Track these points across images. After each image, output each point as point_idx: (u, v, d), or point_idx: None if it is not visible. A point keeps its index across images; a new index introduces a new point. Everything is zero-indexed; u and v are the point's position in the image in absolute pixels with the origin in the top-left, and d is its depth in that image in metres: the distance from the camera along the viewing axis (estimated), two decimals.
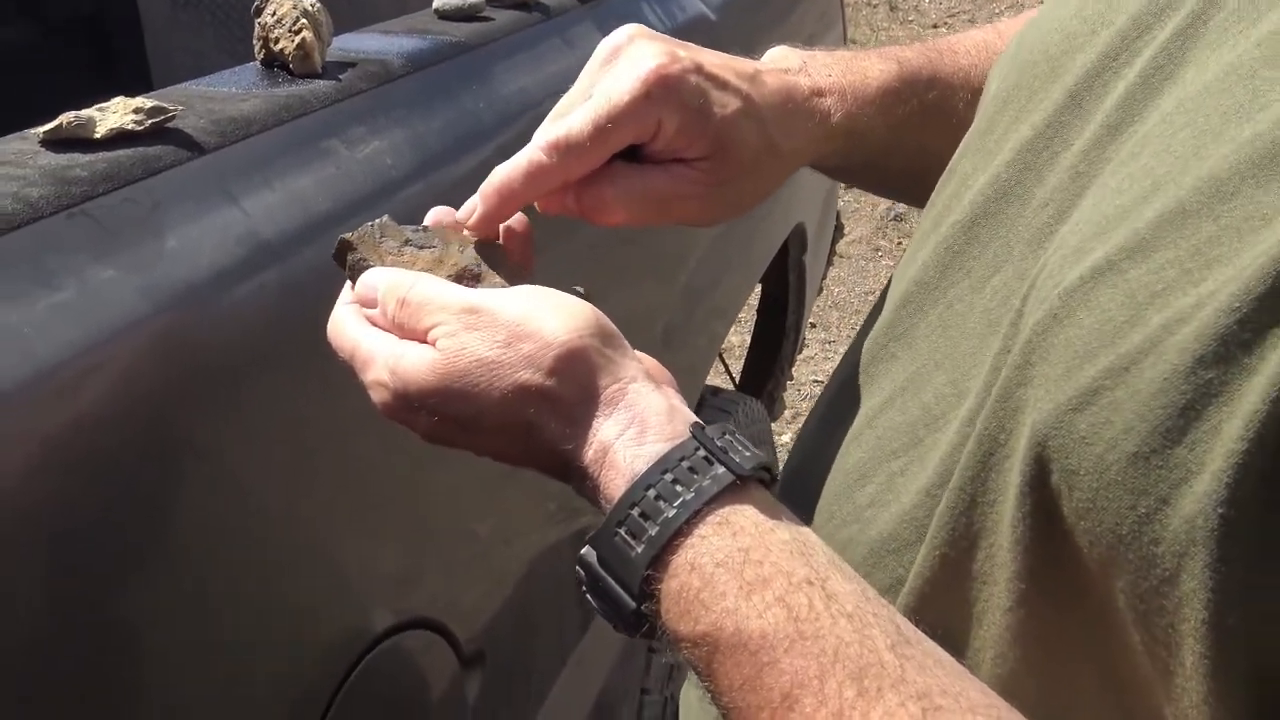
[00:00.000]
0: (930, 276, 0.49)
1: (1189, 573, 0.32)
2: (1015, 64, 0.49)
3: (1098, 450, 0.34)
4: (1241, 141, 0.34)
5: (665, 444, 0.41)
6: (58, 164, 0.57)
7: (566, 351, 0.43)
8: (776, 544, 0.39)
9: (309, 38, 0.76)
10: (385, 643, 0.73)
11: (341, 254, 0.51)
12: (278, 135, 0.68)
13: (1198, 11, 0.40)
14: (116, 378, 0.54)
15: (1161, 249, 0.34)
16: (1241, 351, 0.31)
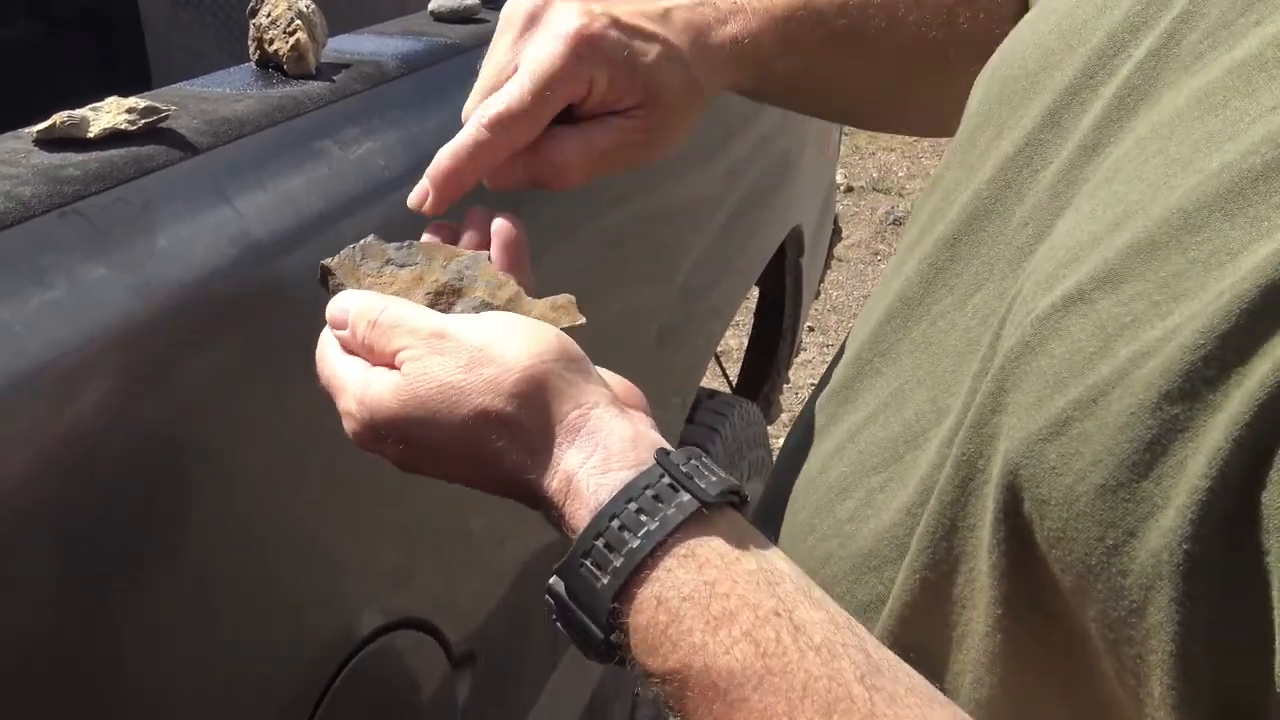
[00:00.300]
0: (914, 292, 0.49)
1: (1155, 605, 0.32)
2: (996, 78, 0.49)
3: (1067, 481, 0.34)
4: (1209, 173, 0.34)
5: (629, 471, 0.41)
6: (51, 163, 0.58)
7: (527, 376, 0.43)
8: (743, 575, 0.39)
9: (303, 39, 0.76)
10: (374, 643, 0.73)
11: (324, 279, 0.52)
12: (271, 136, 0.69)
13: (1171, 31, 0.40)
14: (108, 375, 0.54)
15: (1131, 280, 0.35)
16: (1206, 388, 0.31)
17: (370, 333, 0.47)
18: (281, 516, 0.66)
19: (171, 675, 0.60)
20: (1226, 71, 0.37)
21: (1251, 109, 0.35)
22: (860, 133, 4.71)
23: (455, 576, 0.87)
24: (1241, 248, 0.32)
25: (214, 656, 0.62)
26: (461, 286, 0.50)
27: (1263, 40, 0.36)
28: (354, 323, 0.47)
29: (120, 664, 0.56)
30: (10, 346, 0.49)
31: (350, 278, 0.51)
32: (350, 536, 0.72)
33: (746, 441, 1.70)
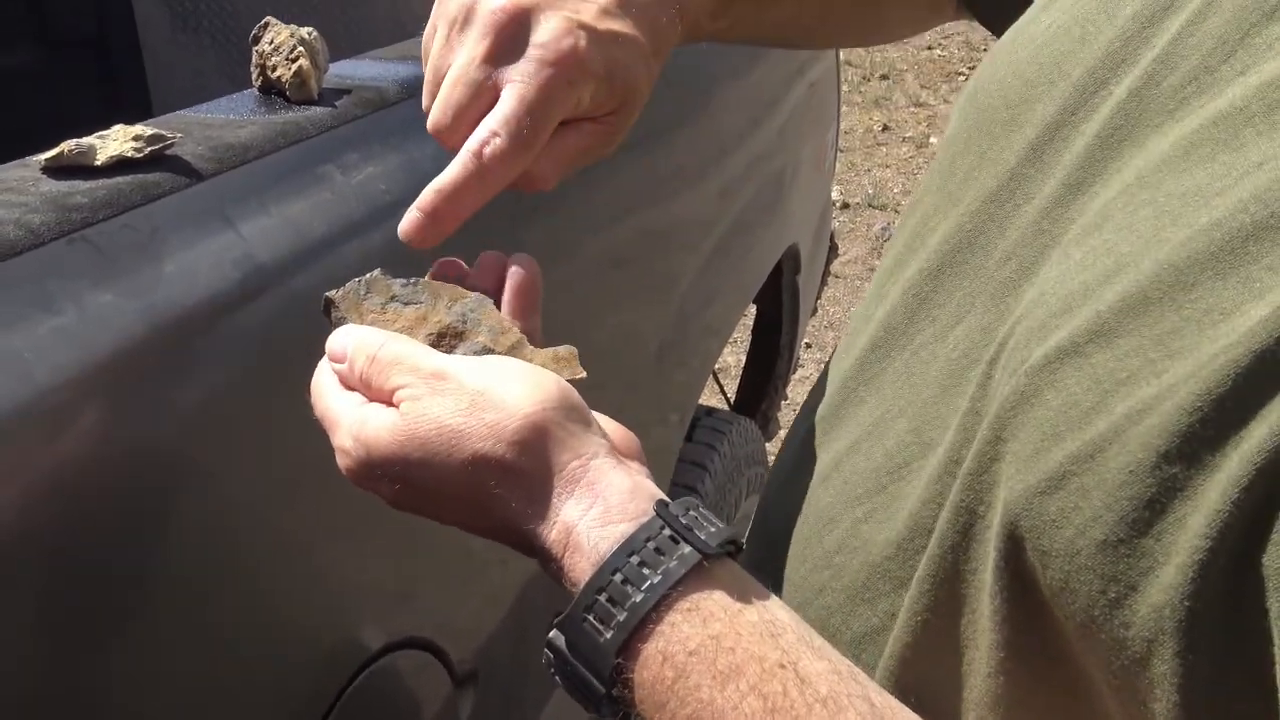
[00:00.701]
0: (898, 321, 0.49)
1: (1159, 658, 0.33)
2: (975, 105, 0.49)
3: (1068, 534, 0.35)
4: (1200, 228, 0.35)
5: (629, 524, 0.41)
6: (59, 191, 0.59)
7: (529, 424, 0.42)
8: (746, 627, 0.39)
9: (306, 65, 0.77)
10: (377, 663, 0.74)
11: (327, 310, 0.51)
12: (274, 161, 0.70)
13: (1151, 72, 0.40)
14: (114, 400, 0.55)
15: (1125, 335, 0.35)
16: (1204, 449, 0.32)
17: (369, 368, 0.46)
18: (284, 537, 0.67)
19: (175, 696, 0.60)
20: (1212, 121, 0.37)
21: (1239, 163, 0.35)
22: (856, 150, 4.74)
23: (458, 595, 0.88)
24: (1234, 308, 0.33)
25: (217, 677, 0.63)
26: (465, 329, 0.50)
27: (1246, 91, 0.36)
28: (353, 357, 0.47)
29: (123, 685, 0.57)
30: (19, 371, 0.50)
31: (353, 312, 0.50)
32: (353, 556, 0.73)
33: (745, 459, 1.71)
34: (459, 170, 0.50)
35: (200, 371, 0.60)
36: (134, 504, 0.56)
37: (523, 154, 0.50)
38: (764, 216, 1.62)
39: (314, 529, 0.69)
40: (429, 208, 0.50)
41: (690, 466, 1.56)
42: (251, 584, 0.64)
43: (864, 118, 5.17)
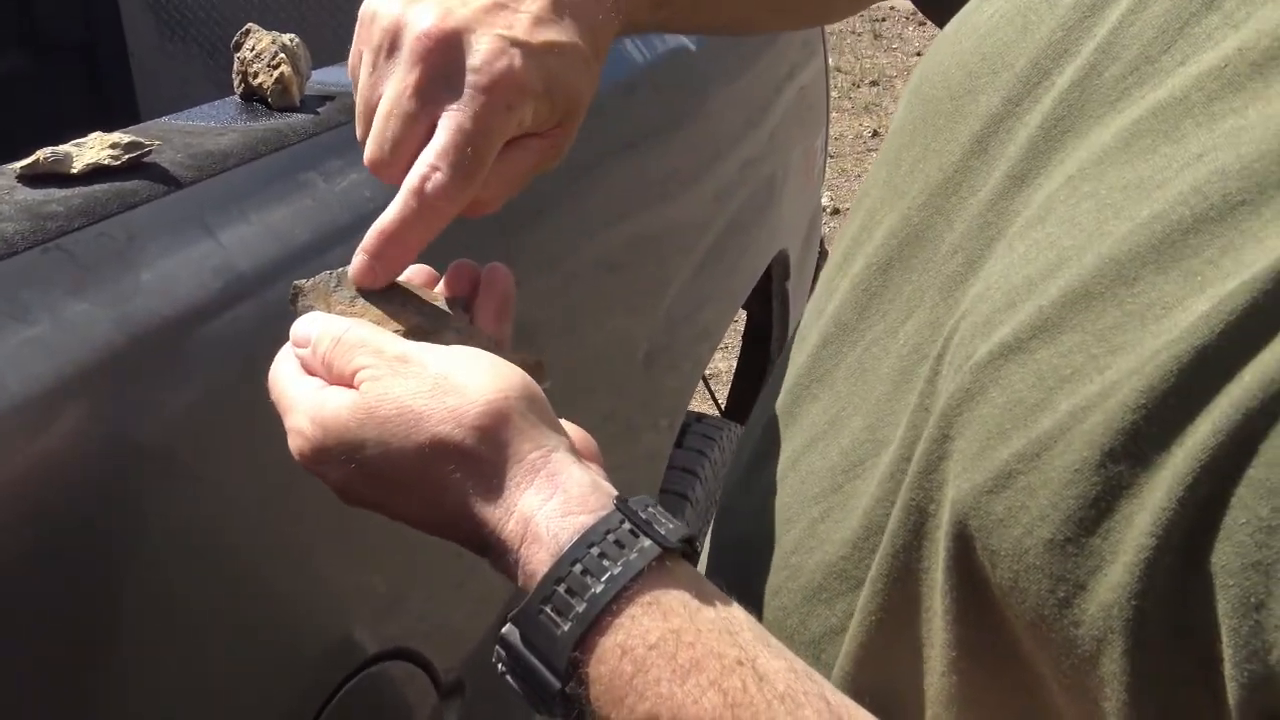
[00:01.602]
0: (848, 317, 0.49)
1: (1108, 657, 0.33)
2: (919, 96, 0.49)
3: (1015, 533, 0.35)
4: (1140, 222, 0.34)
5: (589, 516, 0.40)
6: (34, 199, 0.58)
7: (491, 410, 0.42)
8: (706, 624, 0.38)
9: (287, 72, 0.76)
10: (361, 674, 0.73)
11: (295, 299, 0.51)
12: (255, 169, 0.69)
13: (1094, 62, 0.40)
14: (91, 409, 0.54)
15: (1068, 331, 0.35)
16: (1149, 447, 0.32)
17: (332, 350, 0.45)
18: (266, 548, 0.66)
19: (158, 706, 0.59)
20: (1152, 112, 0.37)
21: (1179, 155, 0.35)
22: (847, 156, 4.74)
23: (443, 605, 0.87)
24: (1176, 302, 0.33)
25: (200, 689, 0.62)
26: (433, 330, 0.49)
27: (1186, 81, 0.36)
28: (316, 341, 0.46)
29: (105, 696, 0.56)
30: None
31: (321, 302, 0.50)
32: (337, 567, 0.72)
33: None
34: (400, 209, 0.48)
35: (179, 381, 0.60)
36: (111, 514, 0.55)
37: (466, 185, 0.48)
38: (753, 222, 1.62)
39: (297, 539, 0.69)
40: (374, 250, 0.48)
41: (681, 473, 1.55)
42: (233, 595, 0.64)
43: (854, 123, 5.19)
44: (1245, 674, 0.30)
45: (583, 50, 0.51)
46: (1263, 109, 0.34)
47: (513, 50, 0.48)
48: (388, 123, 0.49)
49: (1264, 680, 0.30)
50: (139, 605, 0.57)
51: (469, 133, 0.47)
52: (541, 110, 0.50)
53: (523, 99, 0.48)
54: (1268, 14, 0.35)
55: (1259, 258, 0.31)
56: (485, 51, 0.48)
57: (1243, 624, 0.30)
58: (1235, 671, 0.30)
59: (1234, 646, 0.30)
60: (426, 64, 0.48)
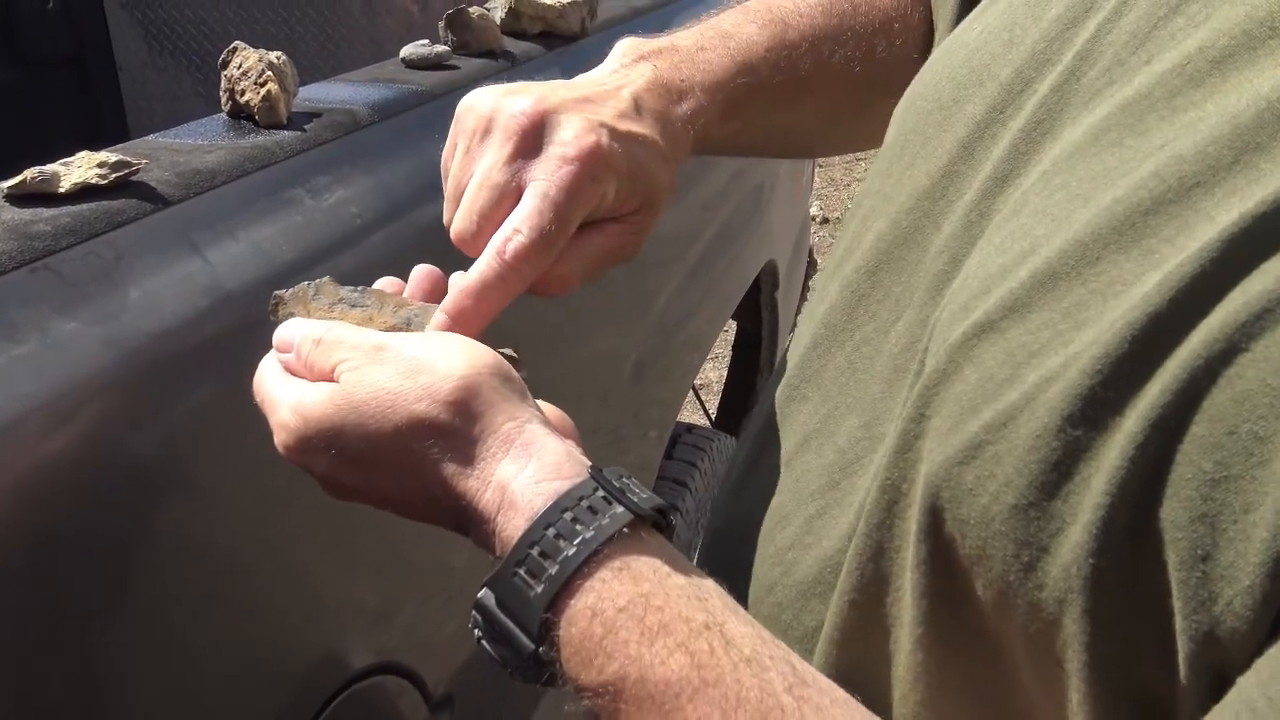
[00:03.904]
0: (838, 319, 0.50)
1: (1069, 617, 0.34)
2: (911, 109, 0.51)
3: (983, 501, 0.36)
4: (1104, 206, 0.36)
5: (564, 483, 0.42)
6: (21, 219, 0.58)
7: (463, 384, 0.43)
8: (675, 589, 0.39)
9: (274, 89, 0.77)
10: (350, 689, 0.73)
11: (275, 309, 0.52)
12: (242, 186, 0.69)
13: (1073, 68, 0.42)
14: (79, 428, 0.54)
15: (1036, 310, 0.36)
16: (1105, 411, 0.33)
17: (313, 351, 0.47)
18: (256, 564, 0.66)
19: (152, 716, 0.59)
20: (1120, 108, 0.39)
21: (1143, 146, 0.37)
22: (836, 165, 4.76)
23: (432, 620, 0.87)
24: (1135, 278, 0.34)
25: (191, 704, 0.62)
26: (410, 329, 0.51)
27: (1151, 78, 0.38)
28: (299, 344, 0.48)
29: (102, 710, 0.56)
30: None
31: (301, 309, 0.52)
32: (327, 581, 0.72)
33: None
34: (483, 270, 0.50)
35: (167, 399, 0.60)
36: (101, 532, 0.56)
37: (545, 251, 0.50)
38: (742, 232, 1.63)
39: (287, 554, 0.69)
40: (454, 311, 0.50)
41: (671, 484, 1.56)
42: (223, 610, 0.64)
43: None
44: (1193, 626, 0.31)
45: (661, 147, 0.54)
46: (1219, 101, 0.35)
47: (601, 129, 0.51)
48: (477, 194, 0.51)
49: (1209, 631, 0.31)
50: (129, 619, 0.58)
51: (552, 199, 0.50)
52: (624, 191, 0.52)
53: (607, 173, 0.51)
54: (1225, 14, 0.37)
55: (1207, 232, 0.33)
56: (575, 127, 0.51)
57: (1190, 575, 0.31)
58: (1185, 625, 0.31)
59: (1183, 599, 0.31)
60: (519, 139, 0.51)
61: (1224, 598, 0.30)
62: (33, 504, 0.52)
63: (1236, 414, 0.30)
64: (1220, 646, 0.31)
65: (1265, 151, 0.33)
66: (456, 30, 1.05)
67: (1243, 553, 0.30)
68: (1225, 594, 0.30)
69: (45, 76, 2.08)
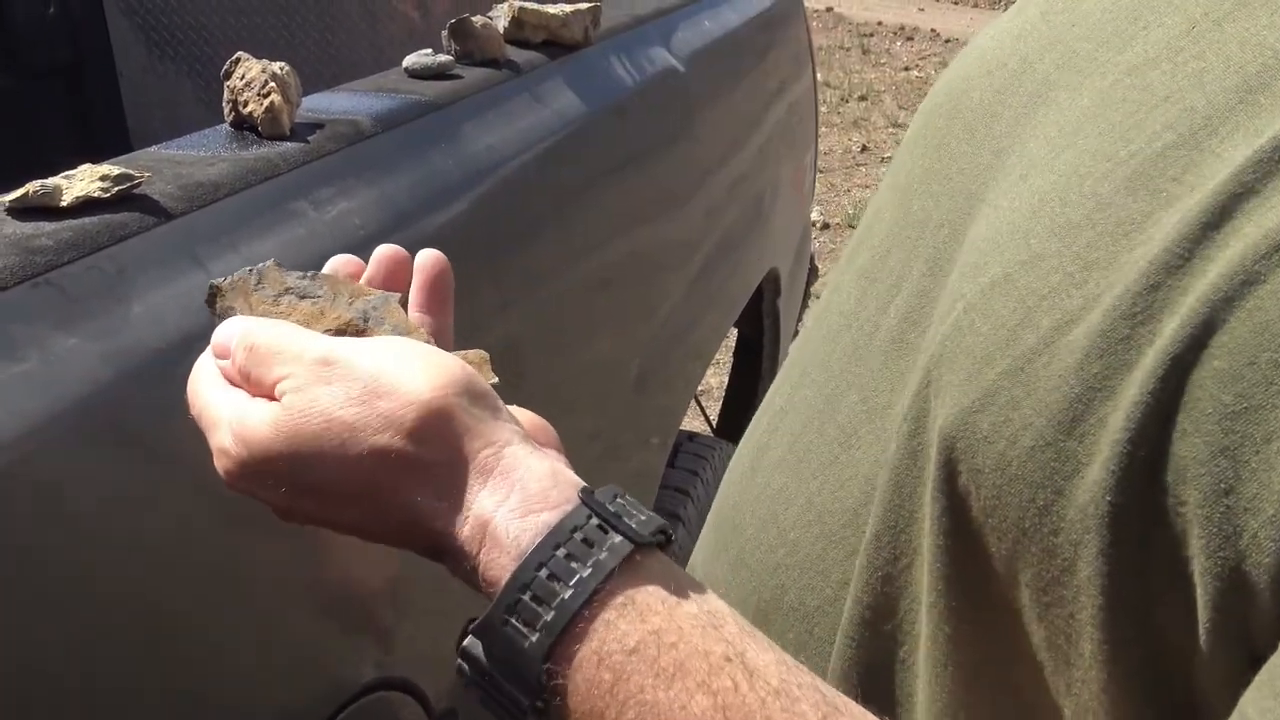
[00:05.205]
0: (849, 306, 0.50)
1: (1084, 560, 0.33)
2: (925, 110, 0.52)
3: (999, 447, 0.35)
4: (1119, 160, 0.37)
5: (552, 513, 0.38)
6: (22, 233, 0.58)
7: (430, 411, 0.38)
8: (687, 620, 0.36)
9: (277, 101, 0.76)
10: (354, 705, 0.72)
11: (213, 300, 0.46)
12: (245, 199, 0.69)
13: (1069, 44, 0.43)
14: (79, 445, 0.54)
15: (1047, 257, 0.36)
16: (1122, 347, 0.33)
17: (247, 358, 0.42)
18: (259, 579, 0.66)
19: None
20: (1125, 72, 0.39)
21: (1148, 100, 0.37)
22: (836, 170, 4.77)
23: (436, 634, 0.86)
24: (1144, 216, 0.34)
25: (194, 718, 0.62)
26: (366, 328, 0.45)
27: (1149, 41, 0.39)
28: (234, 350, 0.42)
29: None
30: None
31: (241, 301, 0.45)
32: (329, 598, 0.72)
33: None
34: None
35: (169, 414, 0.59)
36: (102, 548, 0.55)
37: None
38: (744, 241, 1.62)
39: (290, 569, 0.68)
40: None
41: (674, 492, 1.55)
42: (228, 626, 0.63)
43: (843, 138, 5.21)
44: (1217, 564, 0.30)
45: None
46: (1220, 51, 0.36)
47: None
48: None
49: (1236, 567, 0.30)
50: (134, 635, 0.57)
51: None
52: None
53: None
54: None
55: (1219, 170, 0.33)
56: None
57: (1213, 511, 0.30)
58: (1209, 564, 0.31)
59: (1205, 536, 0.31)
60: None
61: (1249, 530, 0.30)
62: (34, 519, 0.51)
63: (1256, 344, 0.30)
64: (1246, 582, 0.30)
65: (1269, 90, 0.34)
66: (460, 39, 1.04)
67: (1266, 483, 0.29)
68: (1250, 526, 0.30)
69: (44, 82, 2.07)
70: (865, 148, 5.09)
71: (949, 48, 6.85)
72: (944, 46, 6.88)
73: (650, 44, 1.34)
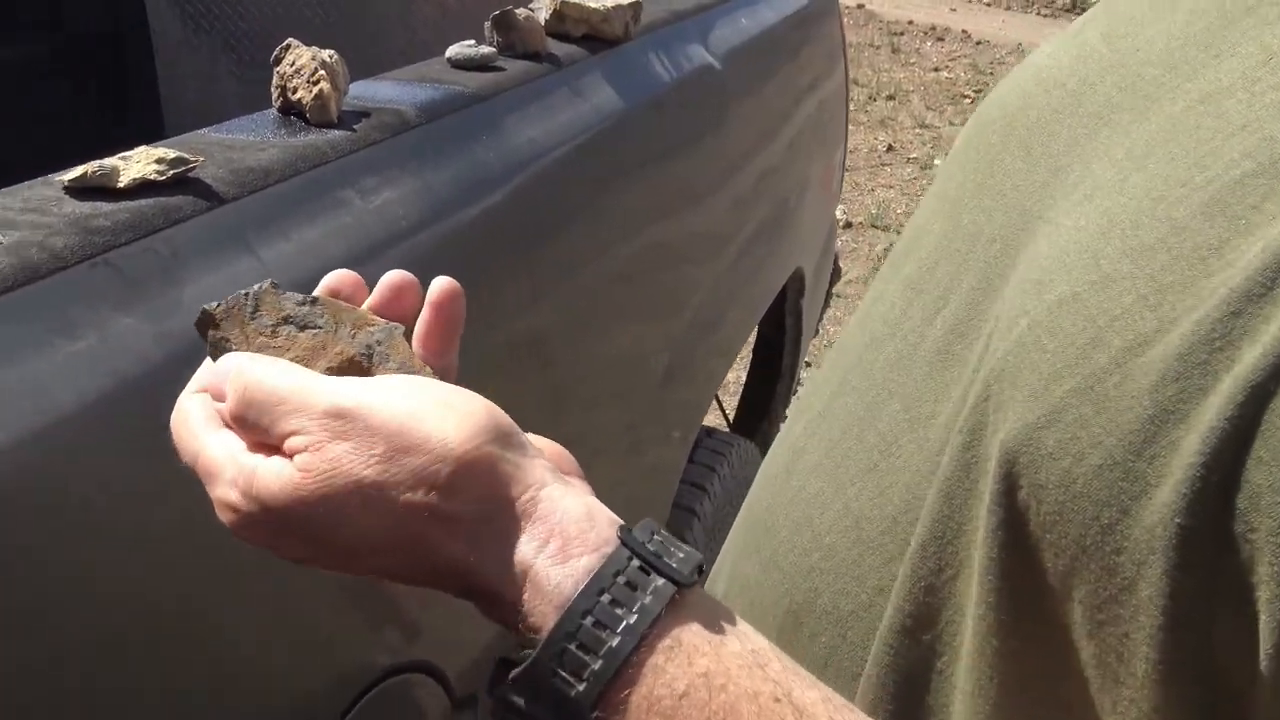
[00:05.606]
0: (895, 315, 0.51)
1: (1146, 580, 0.34)
2: (977, 122, 0.52)
3: (1064, 464, 0.36)
4: (1195, 185, 0.37)
5: (592, 556, 0.37)
6: (81, 213, 0.59)
7: (465, 464, 0.37)
8: (733, 660, 0.36)
9: (326, 89, 0.77)
10: (378, 687, 0.74)
11: (204, 330, 0.43)
12: (294, 185, 0.70)
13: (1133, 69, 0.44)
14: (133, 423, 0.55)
15: (1120, 280, 0.37)
16: (1199, 373, 0.33)
17: (248, 406, 0.39)
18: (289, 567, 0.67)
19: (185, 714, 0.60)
20: (1197, 99, 0.39)
21: (1224, 128, 0.38)
22: (861, 169, 4.75)
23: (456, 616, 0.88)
24: (1222, 243, 0.35)
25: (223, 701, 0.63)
26: (370, 366, 0.42)
27: (1223, 70, 0.39)
28: (231, 392, 0.40)
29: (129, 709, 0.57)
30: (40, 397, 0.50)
31: (238, 333, 0.42)
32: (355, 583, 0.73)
33: (745, 481, 1.71)
34: None
35: None
36: (151, 524, 0.56)
37: None
38: (773, 238, 1.63)
39: None
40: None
41: (690, 487, 1.56)
42: (258, 610, 0.65)
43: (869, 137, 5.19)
44: None
45: None
46: None
47: None
48: None
49: None
50: (167, 613, 0.58)
51: None
52: None
53: None
54: None
55: None
56: None
57: None
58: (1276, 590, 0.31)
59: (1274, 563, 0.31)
60: None
61: None
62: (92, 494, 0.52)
63: None
64: None
65: None
66: (502, 31, 1.05)
67: None
68: None
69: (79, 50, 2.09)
70: (891, 147, 5.08)
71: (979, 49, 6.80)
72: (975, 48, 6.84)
73: (688, 41, 1.34)
